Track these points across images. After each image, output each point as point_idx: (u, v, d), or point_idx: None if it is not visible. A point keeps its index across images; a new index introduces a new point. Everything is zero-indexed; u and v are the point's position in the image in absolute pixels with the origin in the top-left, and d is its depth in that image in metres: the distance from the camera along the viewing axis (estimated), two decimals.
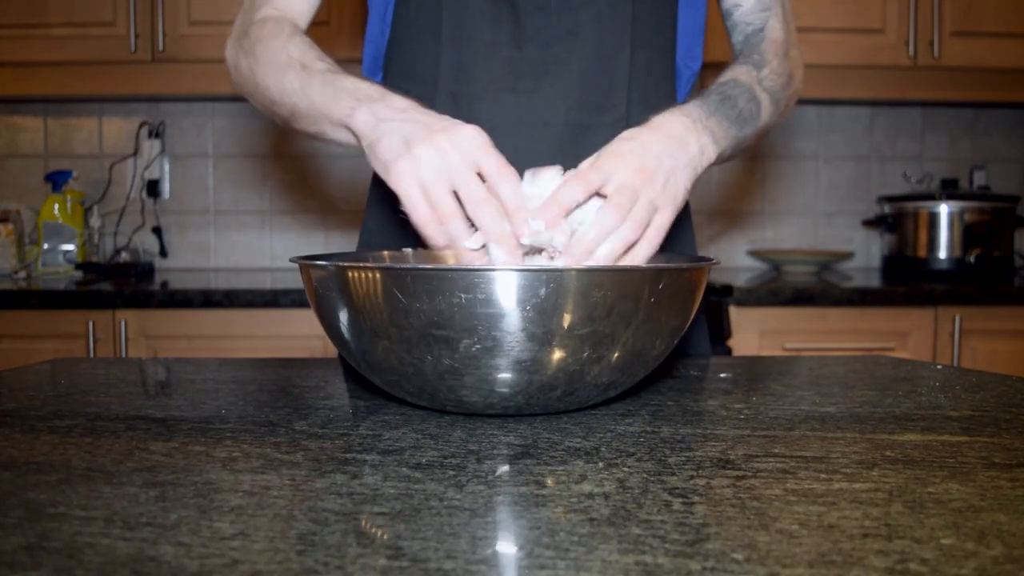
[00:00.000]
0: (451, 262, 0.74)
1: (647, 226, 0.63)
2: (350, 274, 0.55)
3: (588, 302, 0.53)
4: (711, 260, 0.63)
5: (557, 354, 0.54)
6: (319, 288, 0.58)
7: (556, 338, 0.53)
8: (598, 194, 0.63)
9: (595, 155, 0.66)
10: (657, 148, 0.64)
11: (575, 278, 0.52)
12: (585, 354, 0.55)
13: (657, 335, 0.58)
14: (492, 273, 0.51)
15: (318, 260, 0.60)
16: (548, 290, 0.52)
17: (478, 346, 0.53)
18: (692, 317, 0.62)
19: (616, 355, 0.56)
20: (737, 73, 0.78)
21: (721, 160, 0.73)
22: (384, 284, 0.53)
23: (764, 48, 0.83)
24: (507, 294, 0.51)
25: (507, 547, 0.38)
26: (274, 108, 0.79)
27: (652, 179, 0.63)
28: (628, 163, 0.63)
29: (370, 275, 0.54)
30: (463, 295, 0.51)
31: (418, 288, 0.52)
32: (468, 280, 0.51)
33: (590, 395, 0.59)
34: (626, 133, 0.66)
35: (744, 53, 0.84)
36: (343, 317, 0.57)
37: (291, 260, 0.63)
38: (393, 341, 0.55)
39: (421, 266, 0.53)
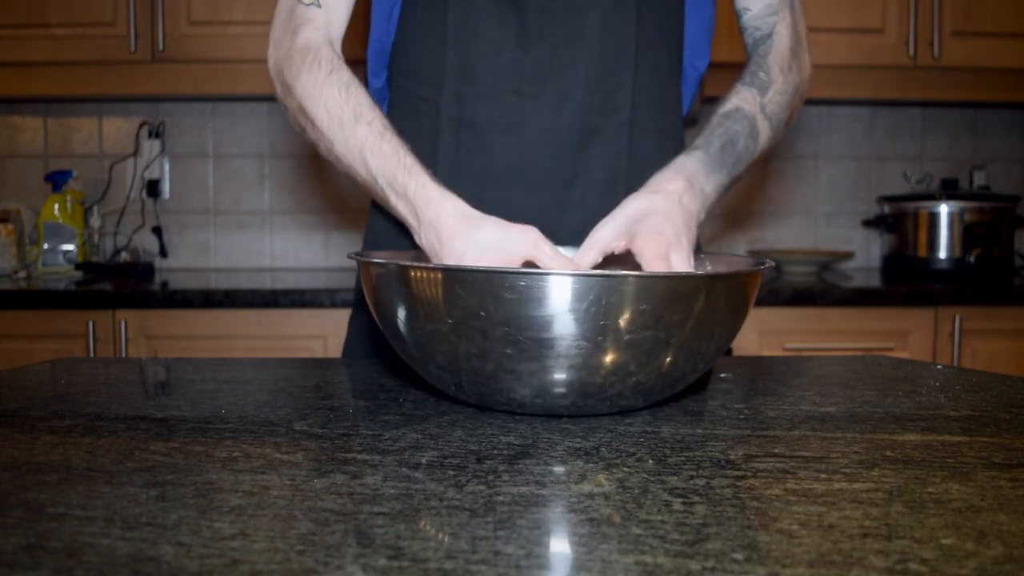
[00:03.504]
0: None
1: None
2: (412, 274, 0.57)
3: (643, 307, 0.53)
4: (765, 264, 0.64)
5: (610, 357, 0.55)
6: (378, 284, 0.60)
7: (610, 343, 0.54)
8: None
9: (616, 228, 0.68)
10: (677, 216, 0.69)
11: (632, 284, 0.53)
12: (641, 359, 0.55)
13: (711, 340, 0.58)
14: (550, 277, 0.52)
15: (376, 258, 0.62)
16: (604, 295, 0.52)
17: (534, 347, 0.54)
18: (745, 318, 0.63)
19: (669, 359, 0.57)
20: (742, 101, 0.80)
21: (714, 206, 0.78)
22: (445, 284, 0.55)
23: (770, 63, 0.84)
24: (562, 298, 0.52)
25: (508, 547, 0.38)
26: (326, 156, 0.80)
27: (680, 250, 0.67)
28: (666, 245, 0.67)
29: (432, 275, 0.56)
30: (521, 297, 0.53)
31: (478, 289, 0.53)
32: (528, 282, 0.53)
33: (642, 399, 0.60)
34: (639, 206, 0.69)
35: (750, 68, 0.85)
36: (399, 313, 0.59)
37: (349, 256, 0.66)
38: (451, 339, 0.56)
39: (484, 267, 0.55)
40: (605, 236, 0.69)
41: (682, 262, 0.67)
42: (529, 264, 0.66)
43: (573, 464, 0.50)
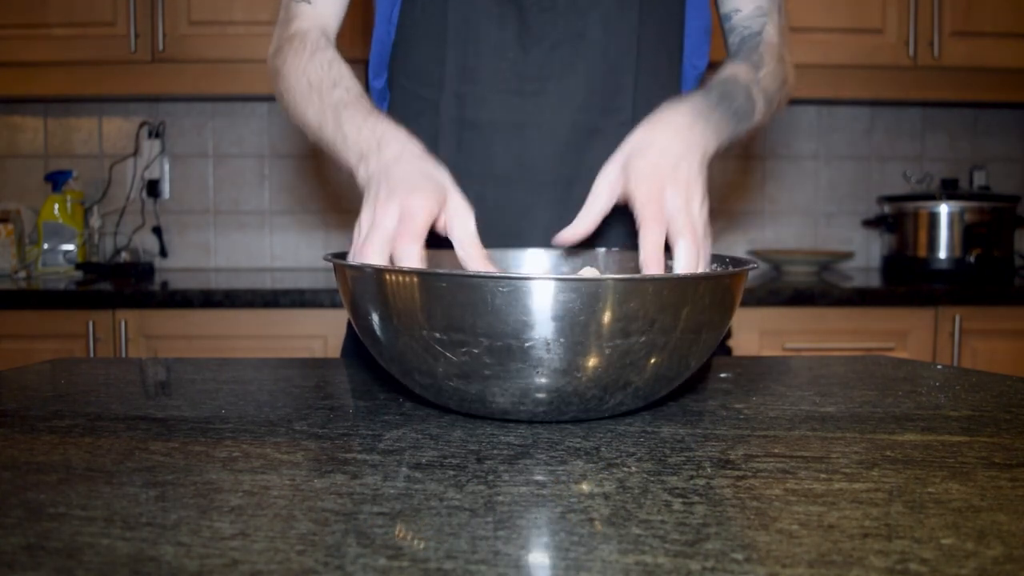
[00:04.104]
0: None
1: (688, 215, 0.63)
2: (386, 277, 0.55)
3: (624, 311, 0.52)
4: (750, 264, 0.63)
5: (592, 362, 0.53)
6: (353, 288, 0.59)
7: (593, 347, 0.53)
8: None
9: (616, 170, 0.66)
10: (677, 146, 0.66)
11: (611, 288, 0.52)
12: (623, 363, 0.54)
13: (695, 342, 0.57)
14: (529, 282, 0.51)
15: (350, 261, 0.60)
16: (586, 299, 0.51)
17: (515, 353, 0.53)
18: (731, 319, 0.62)
19: (654, 361, 0.55)
20: (737, 71, 0.79)
21: (717, 154, 0.74)
22: (420, 288, 0.53)
23: (762, 50, 0.85)
24: (543, 302, 0.51)
25: (508, 547, 0.38)
26: (307, 135, 0.79)
27: (676, 184, 0.64)
28: (660, 180, 0.64)
29: (407, 279, 0.54)
30: (501, 301, 0.51)
31: (455, 293, 0.52)
32: (506, 287, 0.51)
33: (626, 403, 0.59)
34: (639, 139, 0.66)
35: (743, 52, 0.85)
36: (376, 319, 0.57)
37: (324, 258, 0.64)
38: (428, 346, 0.54)
39: (459, 272, 0.53)
40: (603, 188, 0.66)
41: (677, 196, 0.63)
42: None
43: (573, 464, 0.50)
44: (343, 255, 0.68)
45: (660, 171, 0.64)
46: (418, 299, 0.53)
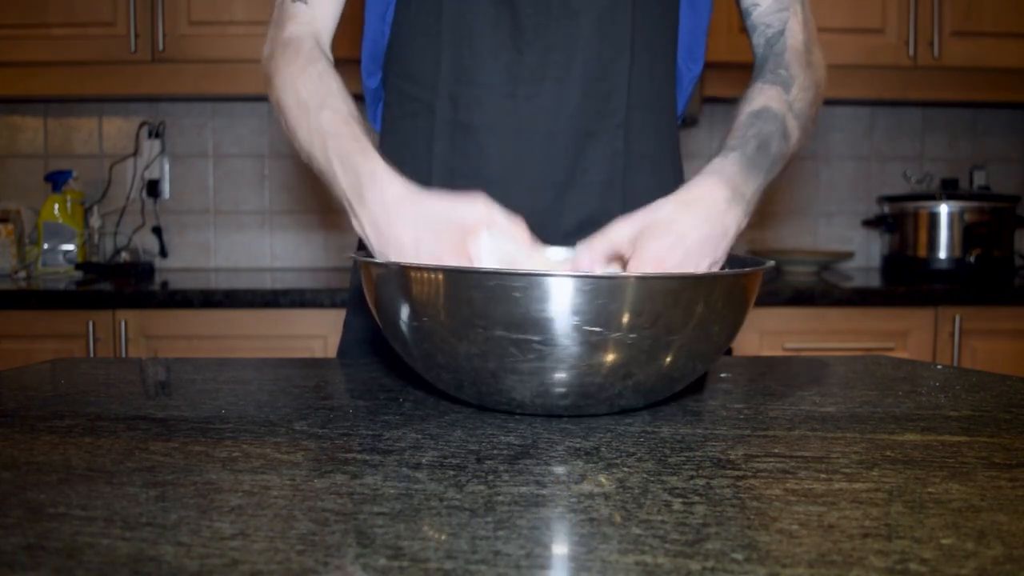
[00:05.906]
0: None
1: None
2: (412, 274, 0.56)
3: (643, 308, 0.53)
4: (766, 263, 0.64)
5: (611, 357, 0.55)
6: (379, 285, 0.60)
7: (609, 344, 0.54)
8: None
9: (628, 233, 0.63)
10: (695, 239, 0.62)
11: (632, 285, 0.53)
12: (641, 359, 0.55)
13: (710, 339, 0.58)
14: (550, 279, 0.52)
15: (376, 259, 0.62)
16: (606, 296, 0.53)
17: (537, 348, 0.54)
18: (746, 317, 0.62)
19: (669, 359, 0.57)
20: (769, 100, 0.75)
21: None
22: (446, 285, 0.55)
23: (788, 59, 0.80)
24: (563, 299, 0.52)
25: (508, 547, 0.38)
26: (296, 147, 0.77)
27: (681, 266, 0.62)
28: (661, 265, 0.61)
29: (433, 276, 0.55)
30: (522, 298, 0.53)
31: (478, 290, 0.53)
32: (529, 283, 0.52)
33: (641, 399, 0.60)
34: (664, 214, 0.62)
35: (769, 67, 0.81)
36: (403, 315, 0.58)
37: (349, 256, 0.66)
38: (451, 340, 0.56)
39: (483, 268, 0.55)
40: (617, 236, 0.63)
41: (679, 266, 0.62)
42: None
43: (573, 464, 0.50)
44: (364, 253, 0.69)
45: (662, 260, 0.61)
46: (442, 295, 0.55)
